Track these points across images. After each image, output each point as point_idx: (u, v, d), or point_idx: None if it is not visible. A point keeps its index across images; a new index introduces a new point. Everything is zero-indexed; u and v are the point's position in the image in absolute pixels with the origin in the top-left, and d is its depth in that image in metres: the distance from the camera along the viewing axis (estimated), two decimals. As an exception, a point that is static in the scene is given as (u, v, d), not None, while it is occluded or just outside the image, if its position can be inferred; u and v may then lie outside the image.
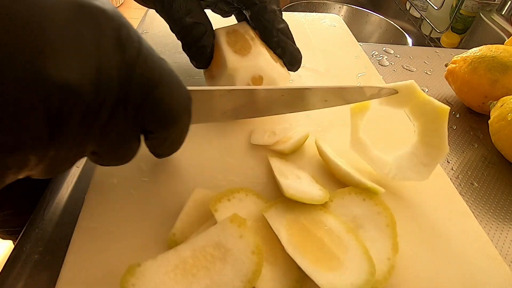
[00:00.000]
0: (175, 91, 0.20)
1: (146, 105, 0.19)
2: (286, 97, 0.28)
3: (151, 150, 0.24)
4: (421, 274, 0.24)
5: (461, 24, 0.74)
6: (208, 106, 0.26)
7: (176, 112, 0.21)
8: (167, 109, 0.20)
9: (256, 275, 0.20)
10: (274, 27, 0.32)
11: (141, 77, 0.18)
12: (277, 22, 0.32)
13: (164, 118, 0.20)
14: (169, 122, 0.21)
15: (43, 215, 0.29)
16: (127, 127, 0.19)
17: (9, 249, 1.08)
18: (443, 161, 0.37)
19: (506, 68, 0.39)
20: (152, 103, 0.19)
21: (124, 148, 0.20)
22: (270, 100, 0.28)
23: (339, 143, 0.33)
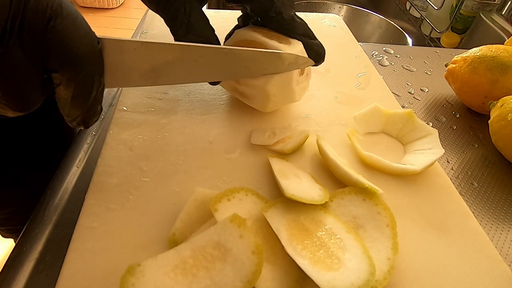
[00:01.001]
0: (78, 25, 0.19)
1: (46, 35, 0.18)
2: (204, 59, 0.27)
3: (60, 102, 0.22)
4: (421, 274, 0.24)
5: (461, 24, 0.74)
6: (122, 62, 0.25)
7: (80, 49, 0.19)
8: (69, 43, 0.19)
9: (256, 275, 0.20)
10: (296, 34, 0.32)
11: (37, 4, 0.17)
12: (297, 28, 0.32)
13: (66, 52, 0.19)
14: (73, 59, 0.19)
15: (43, 215, 0.29)
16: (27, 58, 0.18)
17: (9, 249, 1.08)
18: (443, 161, 0.37)
19: (506, 68, 0.39)
20: (52, 34, 0.18)
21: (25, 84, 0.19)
22: (186, 61, 0.27)
23: (339, 143, 0.33)
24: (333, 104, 0.38)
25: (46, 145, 0.48)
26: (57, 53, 0.19)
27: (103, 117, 0.39)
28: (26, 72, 0.18)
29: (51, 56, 0.19)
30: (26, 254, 0.26)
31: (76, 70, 0.20)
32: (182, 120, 0.34)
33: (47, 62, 0.19)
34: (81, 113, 0.22)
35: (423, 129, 0.33)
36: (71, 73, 0.20)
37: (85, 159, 0.34)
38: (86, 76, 0.21)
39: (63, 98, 0.21)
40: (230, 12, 0.52)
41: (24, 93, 0.19)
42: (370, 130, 0.35)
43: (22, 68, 0.18)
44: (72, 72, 0.20)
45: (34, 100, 0.20)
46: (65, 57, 0.19)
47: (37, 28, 0.17)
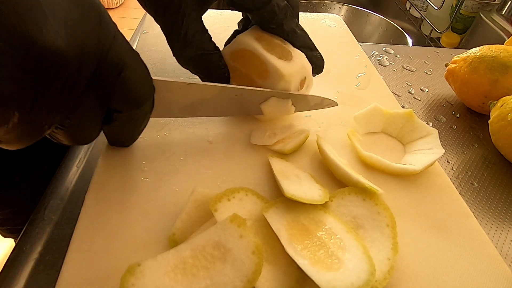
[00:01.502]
0: (141, 74, 0.23)
1: (116, 84, 0.21)
2: (239, 97, 0.30)
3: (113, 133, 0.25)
4: (421, 274, 0.24)
5: (461, 24, 0.74)
6: (167, 98, 0.28)
7: (142, 93, 0.23)
8: (134, 89, 0.22)
9: (256, 275, 0.20)
10: (295, 46, 0.32)
11: (114, 57, 0.20)
12: (297, 40, 0.32)
13: (131, 97, 0.22)
14: (136, 102, 0.23)
15: (43, 215, 0.29)
16: (97, 103, 0.21)
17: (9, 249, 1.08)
18: (443, 161, 0.37)
19: (506, 68, 0.39)
20: (121, 82, 0.21)
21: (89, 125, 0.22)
22: (224, 98, 0.30)
23: (339, 143, 0.34)
24: (333, 104, 0.38)
25: (46, 145, 0.48)
26: (123, 97, 0.22)
27: (103, 117, 0.39)
28: (94, 114, 0.21)
29: (117, 99, 0.22)
30: (26, 254, 0.26)
31: (137, 110, 0.23)
32: (182, 120, 0.34)
33: (113, 103, 0.22)
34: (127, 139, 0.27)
35: (423, 129, 0.33)
36: (132, 113, 0.23)
37: (85, 159, 0.34)
38: (141, 115, 0.24)
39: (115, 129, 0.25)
40: (230, 12, 0.52)
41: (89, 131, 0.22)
42: (370, 130, 0.35)
43: (93, 108, 0.21)
44: (133, 112, 0.23)
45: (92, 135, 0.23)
46: (129, 100, 0.22)
47: (110, 78, 0.20)
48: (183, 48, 0.29)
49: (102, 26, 0.19)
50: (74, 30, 0.17)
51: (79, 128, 0.21)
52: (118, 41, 0.21)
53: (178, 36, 0.28)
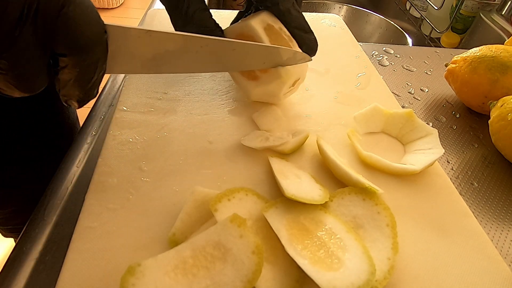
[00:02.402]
0: (88, 12, 0.20)
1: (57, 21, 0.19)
2: (205, 50, 0.28)
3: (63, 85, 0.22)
4: (421, 274, 0.24)
5: (461, 24, 0.74)
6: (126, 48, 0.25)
7: (89, 35, 0.20)
8: (80, 29, 0.20)
9: (256, 275, 0.20)
10: (290, 26, 0.32)
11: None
12: (292, 21, 0.32)
13: (76, 37, 0.20)
14: (82, 44, 0.20)
15: (43, 215, 0.29)
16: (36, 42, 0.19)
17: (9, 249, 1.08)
18: (443, 161, 0.37)
19: (506, 68, 0.39)
20: (64, 20, 0.19)
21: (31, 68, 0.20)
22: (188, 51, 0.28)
23: (339, 143, 0.33)
24: (333, 104, 0.38)
25: (46, 145, 0.49)
26: (67, 38, 0.19)
27: (103, 117, 0.39)
28: (36, 55, 0.19)
29: (60, 41, 0.19)
30: (26, 254, 0.26)
31: (83, 55, 0.21)
32: (182, 120, 0.34)
33: (56, 46, 0.20)
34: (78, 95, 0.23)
35: (423, 129, 0.33)
36: (78, 58, 0.21)
37: (85, 159, 0.34)
38: (91, 62, 0.21)
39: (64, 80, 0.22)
40: (230, 12, 0.52)
41: (32, 75, 0.20)
42: (370, 130, 0.35)
43: (32, 51, 0.19)
44: (79, 57, 0.21)
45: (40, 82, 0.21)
46: (74, 42, 0.20)
47: (50, 14, 0.18)
48: (185, 25, 0.29)
49: None
50: None
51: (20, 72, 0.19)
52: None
53: (180, 14, 0.29)
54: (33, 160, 0.48)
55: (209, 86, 0.39)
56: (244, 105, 0.37)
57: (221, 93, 0.38)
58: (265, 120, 0.34)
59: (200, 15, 0.29)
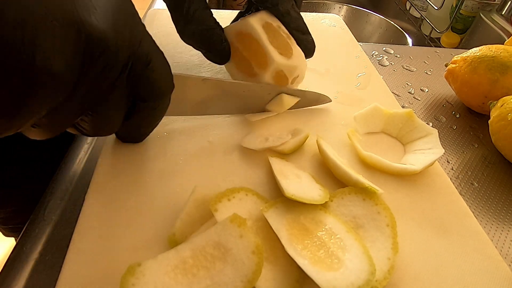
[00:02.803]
0: (165, 68, 0.24)
1: (144, 74, 0.22)
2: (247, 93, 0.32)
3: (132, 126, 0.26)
4: (421, 274, 0.24)
5: (461, 24, 0.74)
6: (182, 94, 0.29)
7: (165, 86, 0.25)
8: (159, 81, 0.24)
9: (256, 275, 0.20)
10: (288, 27, 0.33)
11: (143, 50, 0.22)
12: (291, 22, 0.33)
13: (156, 87, 0.24)
14: (160, 92, 0.24)
15: (43, 215, 0.29)
16: (125, 92, 0.22)
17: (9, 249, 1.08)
18: (443, 161, 0.37)
19: (506, 68, 0.39)
20: (149, 73, 0.23)
21: (115, 115, 0.23)
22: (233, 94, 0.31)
23: (339, 143, 0.34)
24: (333, 104, 0.38)
25: (46, 144, 0.48)
26: (149, 86, 0.23)
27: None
28: (121, 103, 0.23)
29: (143, 89, 0.23)
30: (26, 254, 0.26)
31: (160, 101, 0.25)
32: (182, 120, 0.34)
33: (140, 92, 0.23)
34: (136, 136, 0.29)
35: (423, 129, 0.33)
36: (155, 104, 0.25)
37: (85, 159, 0.34)
38: (163, 107, 0.26)
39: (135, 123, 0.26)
40: (230, 12, 0.52)
41: (115, 119, 0.23)
42: (370, 130, 0.35)
43: (120, 100, 0.22)
44: (156, 103, 0.25)
45: (114, 127, 0.24)
46: (155, 90, 0.24)
47: (139, 68, 0.22)
48: (186, 24, 0.30)
49: (135, 20, 0.21)
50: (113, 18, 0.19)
51: (106, 117, 0.22)
52: (147, 37, 0.23)
53: (181, 13, 0.30)
54: (33, 160, 0.48)
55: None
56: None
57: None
58: (264, 123, 0.34)
59: (201, 14, 0.30)
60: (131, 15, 0.21)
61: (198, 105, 0.31)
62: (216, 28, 0.31)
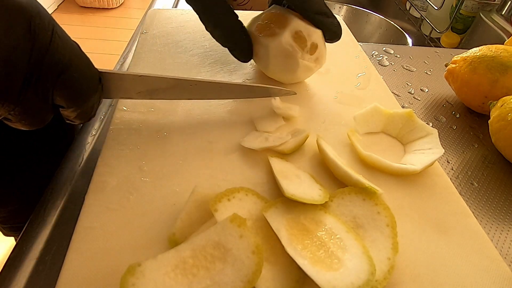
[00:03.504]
0: (84, 73, 0.24)
1: (57, 85, 0.22)
2: (194, 87, 0.32)
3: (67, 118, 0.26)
4: (421, 273, 0.24)
5: (461, 24, 0.74)
6: (122, 86, 0.29)
7: (85, 92, 0.24)
8: (77, 88, 0.23)
9: (256, 275, 0.20)
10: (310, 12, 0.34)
11: (52, 60, 0.21)
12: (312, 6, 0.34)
13: (74, 96, 0.23)
14: (78, 100, 0.24)
15: (43, 215, 0.29)
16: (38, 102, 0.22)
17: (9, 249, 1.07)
18: (443, 161, 0.37)
19: (506, 68, 0.39)
20: (62, 84, 0.22)
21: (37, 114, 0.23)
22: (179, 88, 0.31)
23: (339, 143, 0.34)
24: (333, 104, 0.38)
25: (48, 142, 0.49)
26: (64, 97, 0.23)
27: (103, 117, 0.39)
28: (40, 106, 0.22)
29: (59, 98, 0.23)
30: (26, 254, 0.26)
31: (80, 105, 0.24)
32: (182, 120, 0.34)
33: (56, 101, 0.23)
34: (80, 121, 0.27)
35: (423, 129, 0.33)
36: (76, 108, 0.24)
37: (85, 159, 0.34)
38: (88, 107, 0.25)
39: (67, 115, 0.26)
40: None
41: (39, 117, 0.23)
42: (370, 130, 0.35)
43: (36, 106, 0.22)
44: (77, 107, 0.24)
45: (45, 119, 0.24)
46: (71, 99, 0.23)
47: (49, 80, 0.21)
48: (214, 28, 0.33)
49: (33, 33, 0.20)
50: None
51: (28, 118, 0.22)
52: (56, 43, 0.21)
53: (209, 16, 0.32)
54: (34, 158, 0.48)
55: (209, 86, 0.39)
56: (244, 105, 0.37)
57: (221, 93, 0.38)
58: (264, 122, 0.34)
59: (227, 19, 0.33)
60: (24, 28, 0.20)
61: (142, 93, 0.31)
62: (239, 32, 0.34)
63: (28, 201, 0.39)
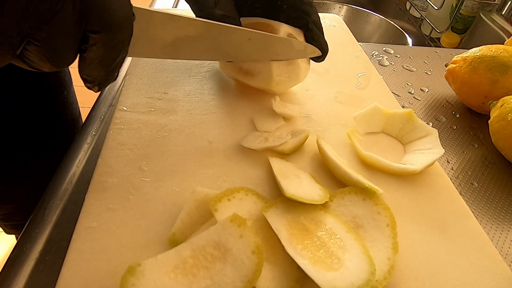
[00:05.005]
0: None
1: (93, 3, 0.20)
2: (223, 37, 0.30)
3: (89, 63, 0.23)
4: (421, 273, 0.24)
5: (461, 24, 0.74)
6: (148, 31, 0.26)
7: (120, 15, 0.22)
8: (113, 8, 0.21)
9: (256, 275, 0.20)
10: (310, 19, 0.34)
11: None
12: (312, 14, 0.34)
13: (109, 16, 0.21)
14: (113, 23, 0.22)
15: (43, 215, 0.29)
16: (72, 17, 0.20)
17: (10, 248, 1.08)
18: (443, 161, 0.37)
19: (506, 68, 0.39)
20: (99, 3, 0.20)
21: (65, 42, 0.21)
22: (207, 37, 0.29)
23: (339, 143, 0.33)
24: (333, 104, 0.38)
25: (49, 139, 0.49)
26: (101, 16, 0.21)
27: (103, 117, 0.39)
28: (71, 30, 0.20)
29: (95, 18, 0.21)
30: (26, 254, 0.26)
31: (113, 34, 0.22)
32: (182, 120, 0.34)
33: (90, 23, 0.21)
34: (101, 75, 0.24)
35: (423, 129, 0.33)
36: (108, 36, 0.22)
37: (85, 159, 0.34)
38: (119, 41, 0.23)
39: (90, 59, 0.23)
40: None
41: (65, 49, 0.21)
42: (370, 130, 0.35)
43: (69, 26, 0.20)
44: (109, 35, 0.22)
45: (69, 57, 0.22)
46: (107, 21, 0.21)
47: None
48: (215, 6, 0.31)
49: None
50: None
51: (54, 45, 0.20)
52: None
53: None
54: (36, 155, 0.48)
55: (209, 86, 0.39)
56: (244, 105, 0.37)
57: (221, 93, 0.38)
58: (264, 122, 0.34)
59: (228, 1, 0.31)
60: None
61: (167, 46, 0.28)
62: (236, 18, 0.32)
63: (29, 198, 0.39)
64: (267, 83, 0.34)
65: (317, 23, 0.35)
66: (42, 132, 0.48)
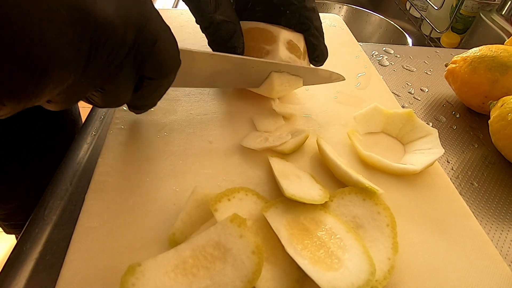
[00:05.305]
0: (172, 46, 0.24)
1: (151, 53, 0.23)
2: (255, 69, 0.32)
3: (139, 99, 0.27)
4: (421, 273, 0.24)
5: (461, 24, 0.74)
6: (190, 68, 0.30)
7: (172, 64, 0.25)
8: (166, 59, 0.24)
9: (256, 275, 0.20)
10: (312, 25, 0.34)
11: (151, 29, 0.22)
12: (315, 20, 0.34)
13: (163, 65, 0.24)
14: (166, 70, 0.25)
15: (43, 215, 0.29)
16: (133, 70, 0.23)
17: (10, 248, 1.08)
18: (443, 161, 0.37)
19: (506, 68, 0.39)
20: (156, 52, 0.23)
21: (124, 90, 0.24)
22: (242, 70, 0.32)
23: (339, 143, 0.33)
24: (333, 104, 0.38)
25: (49, 140, 0.49)
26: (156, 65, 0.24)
27: (103, 117, 0.39)
28: (131, 79, 0.23)
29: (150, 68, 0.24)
30: (26, 254, 0.26)
31: (166, 79, 0.26)
32: (182, 120, 0.34)
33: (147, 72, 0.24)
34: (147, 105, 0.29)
35: (423, 129, 0.33)
36: (161, 81, 0.25)
37: (85, 159, 0.34)
38: (168, 83, 0.26)
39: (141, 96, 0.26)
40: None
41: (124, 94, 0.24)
42: (370, 130, 0.35)
43: (129, 76, 0.23)
44: (163, 80, 0.25)
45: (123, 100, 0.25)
46: (161, 70, 0.24)
47: (146, 47, 0.22)
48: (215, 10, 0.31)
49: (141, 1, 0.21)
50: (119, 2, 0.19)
51: (116, 92, 0.23)
52: (154, 15, 0.23)
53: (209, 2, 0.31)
54: (36, 155, 0.48)
55: (209, 86, 0.39)
56: (244, 105, 0.37)
57: (221, 94, 0.38)
58: (264, 122, 0.34)
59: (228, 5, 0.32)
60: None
61: (206, 78, 0.31)
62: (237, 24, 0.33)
63: (30, 198, 0.39)
64: (268, 93, 0.35)
65: (319, 29, 0.35)
66: (42, 132, 0.48)
